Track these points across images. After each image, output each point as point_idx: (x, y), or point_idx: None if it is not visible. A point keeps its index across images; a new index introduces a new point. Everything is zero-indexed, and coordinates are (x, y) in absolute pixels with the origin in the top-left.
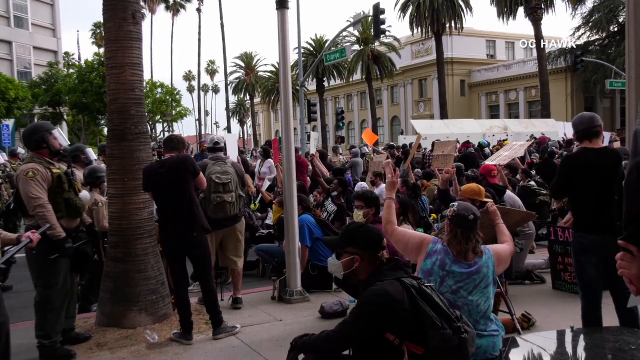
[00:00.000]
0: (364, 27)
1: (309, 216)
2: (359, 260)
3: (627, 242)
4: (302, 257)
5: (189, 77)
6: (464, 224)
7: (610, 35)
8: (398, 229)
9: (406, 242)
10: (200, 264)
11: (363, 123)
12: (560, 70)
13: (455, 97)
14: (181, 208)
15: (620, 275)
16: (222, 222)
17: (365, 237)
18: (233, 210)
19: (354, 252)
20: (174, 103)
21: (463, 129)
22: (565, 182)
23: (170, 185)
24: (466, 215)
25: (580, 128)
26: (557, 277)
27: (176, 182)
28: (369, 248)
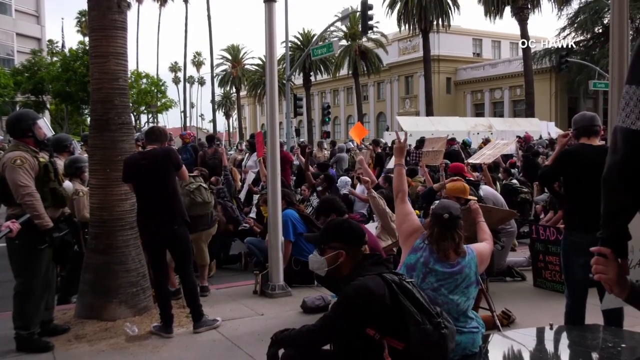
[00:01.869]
0: (352, 23)
1: (293, 211)
2: (343, 256)
3: (600, 246)
4: (285, 251)
5: (175, 68)
6: (440, 223)
7: (595, 37)
8: (407, 204)
9: (404, 221)
10: (180, 257)
11: (349, 118)
12: (545, 71)
13: (441, 94)
14: (162, 200)
15: (598, 280)
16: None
17: (349, 231)
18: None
19: (338, 247)
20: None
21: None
22: (557, 171)
23: (152, 177)
24: (441, 214)
25: (581, 124)
26: (538, 274)
27: (158, 174)
28: (353, 243)
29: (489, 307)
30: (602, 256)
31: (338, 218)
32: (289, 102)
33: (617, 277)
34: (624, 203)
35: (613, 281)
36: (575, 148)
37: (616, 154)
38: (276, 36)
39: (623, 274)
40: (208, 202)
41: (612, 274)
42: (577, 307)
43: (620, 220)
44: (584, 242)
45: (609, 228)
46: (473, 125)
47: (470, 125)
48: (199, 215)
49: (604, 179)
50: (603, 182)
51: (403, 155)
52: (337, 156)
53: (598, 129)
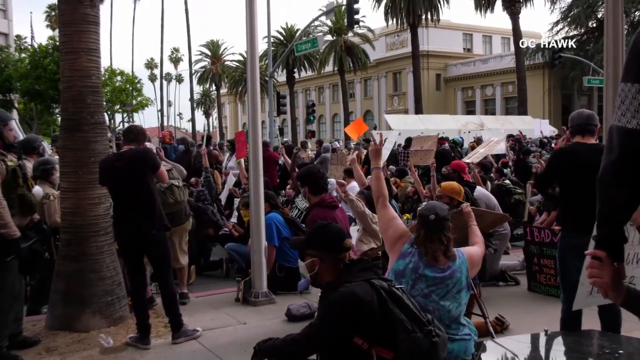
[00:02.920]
0: (337, 17)
1: (277, 214)
2: (318, 264)
3: (595, 248)
4: (269, 257)
5: (151, 65)
6: (426, 225)
7: (589, 32)
8: (389, 208)
9: (388, 227)
10: (159, 263)
11: (335, 117)
12: (537, 67)
13: (430, 91)
14: (139, 203)
15: (593, 285)
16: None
17: (323, 239)
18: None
19: (313, 255)
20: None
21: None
22: (552, 174)
23: (128, 179)
24: (427, 215)
25: (577, 122)
26: (532, 278)
27: (134, 176)
28: (328, 251)
29: (482, 313)
30: (597, 259)
31: (320, 222)
32: (271, 100)
33: (613, 282)
34: (619, 203)
35: (608, 285)
36: (569, 147)
37: (611, 153)
38: (257, 31)
39: (619, 278)
40: (180, 201)
41: (607, 278)
42: (573, 312)
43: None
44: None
45: (604, 229)
46: (464, 123)
47: (461, 124)
48: (170, 213)
49: (599, 178)
50: (598, 182)
51: (380, 158)
52: (322, 156)
53: (594, 127)
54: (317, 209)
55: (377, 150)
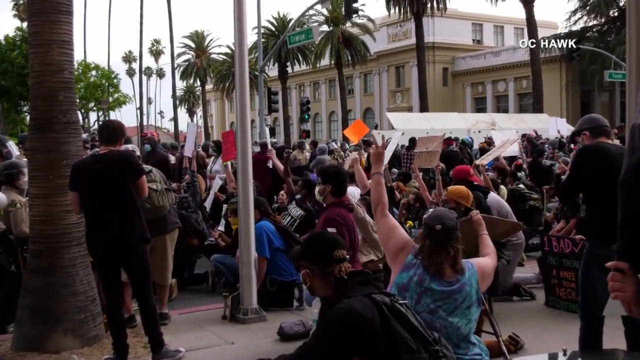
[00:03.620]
0: (334, 6)
1: (268, 223)
2: (309, 276)
3: (618, 260)
4: (259, 270)
5: (129, 58)
6: (432, 235)
7: (610, 21)
8: (389, 217)
9: (389, 237)
10: (138, 276)
11: (332, 115)
12: (554, 60)
13: (436, 87)
14: (118, 211)
15: (615, 299)
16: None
17: (310, 249)
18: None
19: (304, 267)
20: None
21: (445, 123)
22: (580, 179)
23: (108, 183)
24: (433, 225)
25: (593, 125)
26: (551, 293)
27: (114, 181)
28: (315, 262)
29: (494, 331)
30: (620, 272)
31: (315, 231)
32: (262, 96)
33: (637, 296)
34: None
35: (632, 300)
36: (596, 145)
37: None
38: (247, 21)
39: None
40: (160, 206)
41: (631, 292)
42: (593, 330)
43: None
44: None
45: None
46: (474, 122)
47: (471, 122)
48: (149, 221)
49: (621, 182)
50: (620, 185)
51: (382, 162)
52: (317, 159)
53: (609, 129)
54: (334, 208)
55: (379, 154)
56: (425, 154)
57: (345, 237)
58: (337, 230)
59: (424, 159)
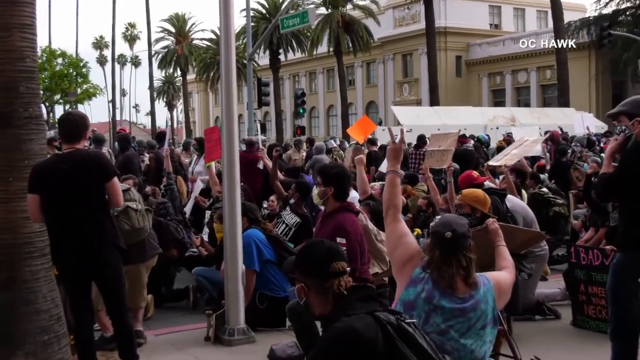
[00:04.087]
0: None
1: (258, 231)
2: (304, 291)
3: None
4: (248, 285)
5: (100, 44)
6: (441, 244)
7: None
8: (401, 223)
9: (397, 245)
10: (111, 291)
11: (330, 109)
12: (582, 47)
13: (449, 78)
14: (86, 216)
15: None
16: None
17: (308, 260)
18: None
19: (299, 280)
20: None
21: (459, 119)
22: (633, 177)
23: (75, 186)
24: (442, 233)
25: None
26: (578, 311)
27: (83, 183)
28: (310, 275)
29: (513, 354)
30: None
31: (311, 240)
32: (251, 88)
33: None
34: None
35: None
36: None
37: None
38: (234, 3)
39: None
40: (140, 228)
41: None
42: (627, 352)
43: None
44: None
45: None
46: (491, 117)
47: (487, 118)
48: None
49: None
50: None
51: (398, 159)
52: (314, 158)
53: None
54: (343, 214)
55: (397, 150)
56: (438, 153)
57: (356, 249)
58: (347, 242)
59: (436, 158)
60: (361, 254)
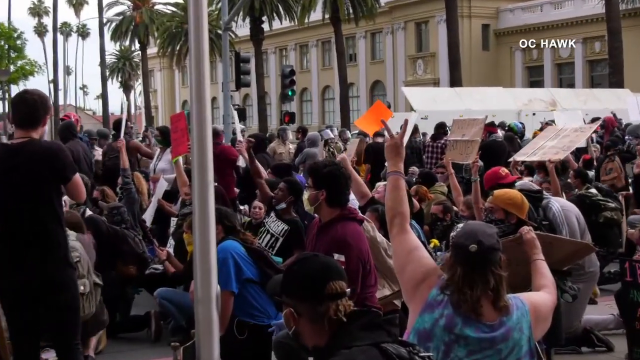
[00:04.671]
0: None
1: (236, 243)
2: (294, 319)
3: None
4: (224, 310)
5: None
6: (464, 260)
7: None
8: (409, 234)
9: (408, 261)
10: (60, 318)
11: (326, 91)
12: (639, 12)
13: (474, 52)
14: (35, 226)
15: None
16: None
17: (298, 280)
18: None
19: (287, 304)
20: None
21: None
22: None
23: (25, 186)
24: (466, 245)
25: None
26: (635, 342)
27: (35, 184)
28: (305, 298)
29: None
30: None
31: (302, 255)
32: (227, 65)
33: None
34: None
35: None
36: None
37: None
38: None
39: None
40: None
41: None
42: None
43: None
44: None
45: None
46: (526, 100)
47: (522, 102)
48: None
49: None
50: None
51: (401, 156)
52: (305, 152)
53: None
54: (346, 223)
55: (397, 146)
56: (461, 144)
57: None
58: (347, 259)
59: (460, 150)
60: (365, 274)
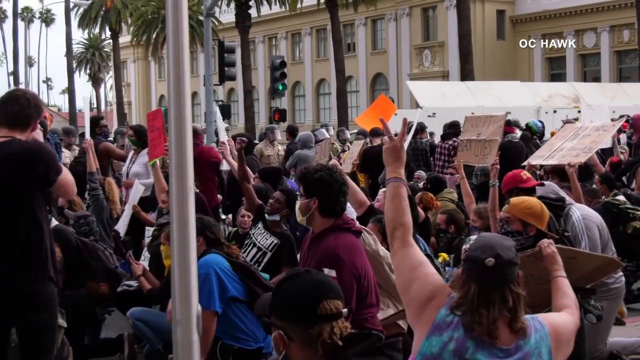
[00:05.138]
0: None
1: (219, 257)
2: (283, 342)
3: None
4: (205, 332)
5: None
6: (479, 275)
7: None
8: (413, 248)
9: (412, 280)
10: (35, 339)
11: (321, 85)
12: None
13: (487, 41)
14: (11, 236)
15: None
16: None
17: (288, 299)
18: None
19: (276, 326)
20: None
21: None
22: None
23: (3, 189)
24: (481, 259)
25: None
26: None
27: (11, 189)
28: (294, 319)
29: None
30: None
31: (293, 271)
32: (209, 55)
33: None
34: None
35: None
36: None
37: None
38: None
39: None
40: None
41: None
42: None
43: None
44: None
45: None
46: (546, 96)
47: (541, 97)
48: None
49: None
50: None
51: (401, 161)
52: (297, 155)
53: None
54: (339, 234)
55: (396, 149)
56: (476, 145)
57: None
58: (339, 274)
59: (474, 151)
60: (363, 292)
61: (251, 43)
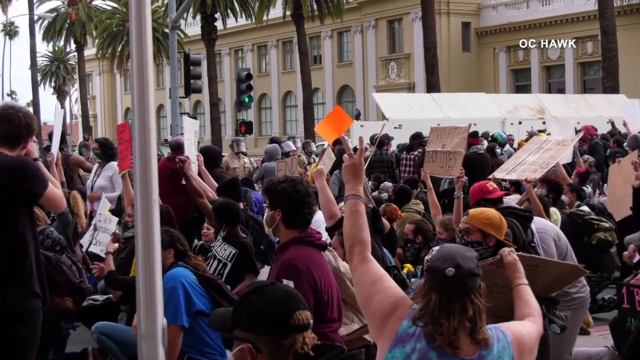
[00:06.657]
0: None
1: (186, 270)
2: (251, 355)
3: None
4: (171, 346)
5: None
6: (439, 286)
7: None
8: (372, 263)
9: (372, 293)
10: (15, 354)
11: (287, 97)
12: (635, 10)
13: (453, 54)
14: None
15: None
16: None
17: (257, 310)
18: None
19: (242, 339)
20: None
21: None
22: None
23: None
24: (442, 269)
25: None
26: None
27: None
28: (261, 332)
29: None
30: None
31: (258, 282)
32: (175, 68)
33: None
34: None
35: None
36: None
37: None
38: None
39: None
40: None
41: None
42: None
43: None
44: None
45: None
46: (511, 107)
47: (506, 109)
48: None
49: None
50: None
51: (360, 178)
52: (264, 167)
53: None
54: (299, 247)
55: (355, 166)
56: (441, 156)
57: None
58: (296, 286)
59: (439, 162)
60: (323, 306)
61: (217, 55)
